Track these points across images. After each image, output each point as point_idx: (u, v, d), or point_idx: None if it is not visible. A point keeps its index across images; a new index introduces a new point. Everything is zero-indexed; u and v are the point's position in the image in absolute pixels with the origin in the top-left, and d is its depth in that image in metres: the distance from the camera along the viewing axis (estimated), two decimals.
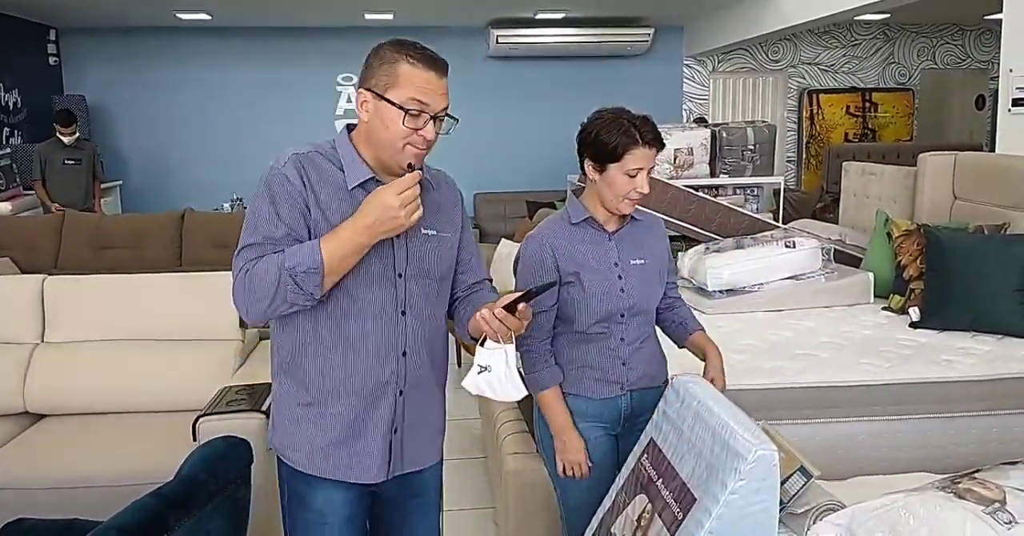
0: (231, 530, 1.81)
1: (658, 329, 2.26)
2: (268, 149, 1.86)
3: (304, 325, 1.62)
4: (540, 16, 7.76)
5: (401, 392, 1.66)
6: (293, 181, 1.55)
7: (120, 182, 8.26)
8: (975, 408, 2.89)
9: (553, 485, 2.23)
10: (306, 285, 1.48)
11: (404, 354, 1.65)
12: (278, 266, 1.48)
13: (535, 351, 2.07)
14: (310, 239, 1.54)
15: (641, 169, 1.98)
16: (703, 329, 2.28)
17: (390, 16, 7.60)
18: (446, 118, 1.62)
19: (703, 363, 2.19)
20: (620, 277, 2.05)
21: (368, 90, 1.57)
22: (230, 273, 1.57)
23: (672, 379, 2.01)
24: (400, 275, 1.63)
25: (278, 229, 1.54)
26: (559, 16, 7.82)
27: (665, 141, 2.08)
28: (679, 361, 2.29)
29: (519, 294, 1.57)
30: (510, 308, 1.55)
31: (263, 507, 2.47)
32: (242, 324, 3.41)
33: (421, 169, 1.58)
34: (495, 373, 1.59)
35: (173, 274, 4.17)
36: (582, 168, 2.08)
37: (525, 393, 1.62)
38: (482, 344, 1.60)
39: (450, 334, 1.87)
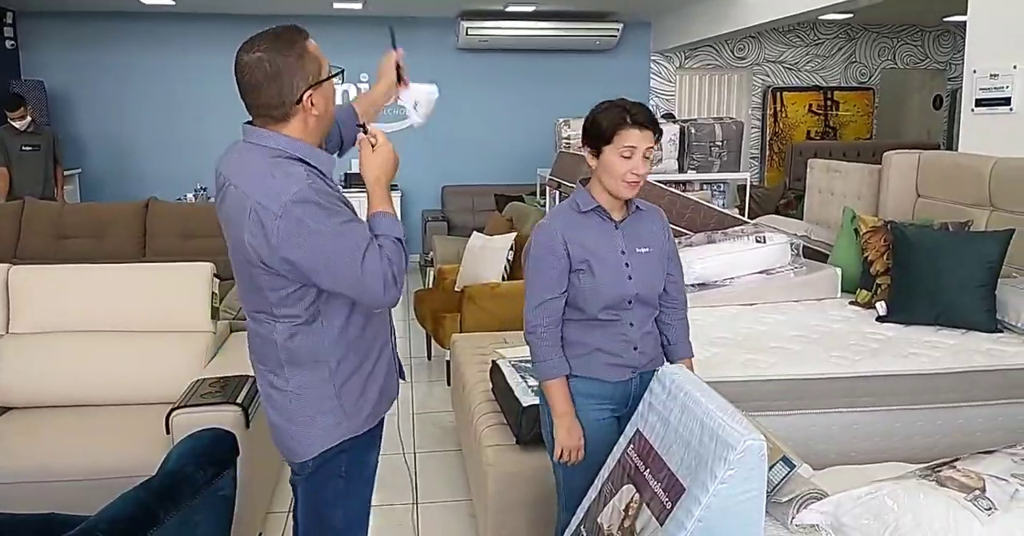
0: (217, 523, 1.79)
1: None
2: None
3: (352, 314, 1.78)
4: (510, 8, 7.75)
5: (393, 342, 1.97)
6: (323, 187, 1.67)
7: (79, 170, 8.07)
8: (941, 400, 2.98)
9: (555, 470, 2.26)
10: (401, 235, 1.75)
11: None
12: (395, 242, 1.71)
13: (546, 339, 2.11)
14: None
15: (634, 148, 2.02)
16: (692, 356, 2.32)
17: (359, 6, 7.53)
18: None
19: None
20: (627, 265, 2.11)
21: (311, 87, 1.75)
22: (201, 264, 1.67)
23: (657, 370, 2.03)
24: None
25: (361, 223, 1.71)
26: (529, 9, 7.82)
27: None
28: None
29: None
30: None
31: (245, 500, 2.46)
32: (214, 315, 3.37)
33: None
34: (420, 99, 2.12)
35: (143, 264, 4.11)
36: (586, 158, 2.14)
37: (434, 87, 2.14)
38: (398, 99, 2.11)
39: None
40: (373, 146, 1.80)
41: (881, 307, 3.56)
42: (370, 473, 1.93)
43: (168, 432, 2.70)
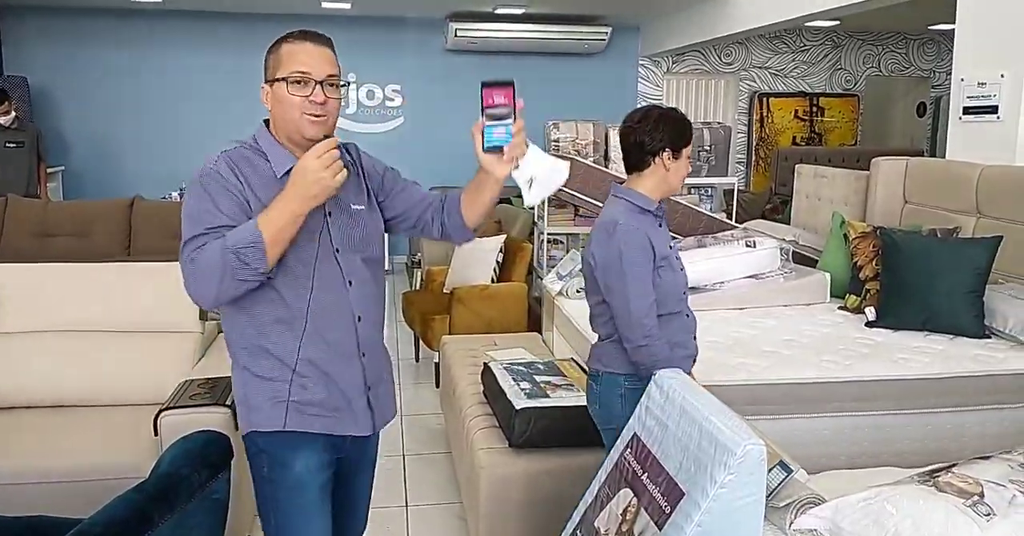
0: (212, 525, 1.77)
1: None
2: (219, 138, 1.94)
3: (264, 309, 1.70)
4: (499, 10, 7.75)
5: (364, 354, 1.79)
6: (227, 177, 1.65)
7: (62, 167, 7.98)
8: (930, 405, 2.99)
9: None
10: (252, 260, 1.55)
11: (359, 319, 1.78)
12: (221, 248, 1.55)
13: (661, 341, 2.16)
14: None
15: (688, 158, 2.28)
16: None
17: (348, 5, 7.50)
18: (340, 86, 1.72)
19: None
20: (677, 258, 2.27)
21: (266, 83, 1.71)
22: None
23: (654, 375, 2.03)
24: (337, 250, 1.75)
25: (218, 219, 1.61)
26: (518, 11, 7.82)
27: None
28: None
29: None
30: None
31: (235, 503, 2.43)
32: (202, 316, 3.34)
33: (340, 148, 1.70)
34: (539, 178, 1.70)
35: (130, 263, 4.06)
36: (644, 160, 2.23)
37: (568, 165, 1.73)
38: (515, 168, 1.70)
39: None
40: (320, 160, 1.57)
41: (870, 312, 3.59)
42: (298, 484, 1.76)
43: (156, 434, 2.66)
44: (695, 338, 2.33)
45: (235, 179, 1.66)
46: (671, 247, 2.26)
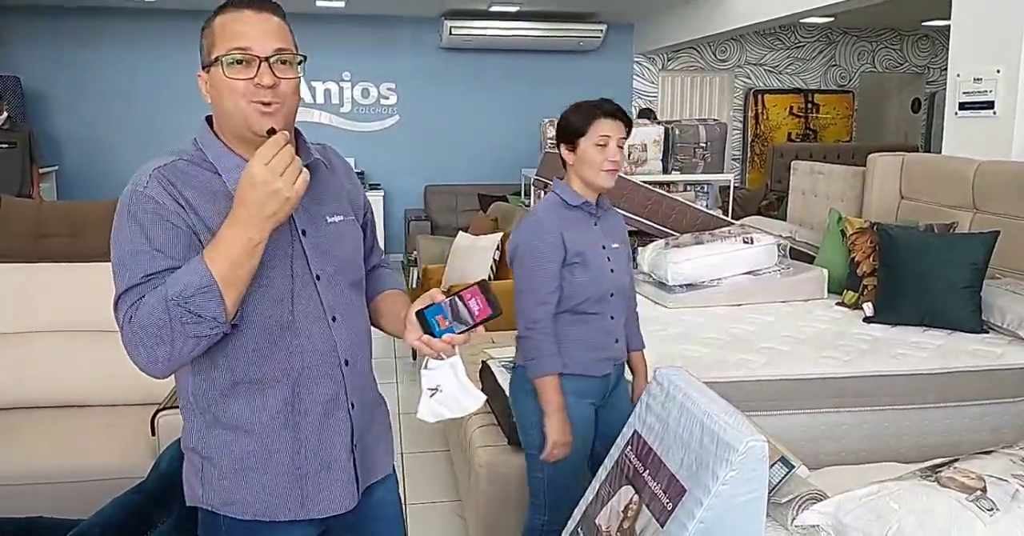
0: None
1: None
2: None
3: (220, 360, 1.35)
4: (494, 8, 7.73)
5: (352, 405, 1.45)
6: (162, 201, 1.27)
7: (55, 167, 7.94)
8: (928, 400, 3.00)
9: (530, 466, 2.28)
10: (205, 310, 1.20)
11: (346, 363, 1.43)
12: (164, 299, 1.20)
13: (547, 333, 2.13)
14: None
15: (608, 137, 2.12)
16: (643, 347, 2.44)
17: (342, 3, 7.47)
18: (297, 63, 1.34)
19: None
20: (608, 259, 2.20)
21: (202, 70, 1.35)
22: None
23: (655, 371, 2.02)
24: (318, 277, 1.39)
25: (157, 262, 1.25)
26: (513, 9, 7.80)
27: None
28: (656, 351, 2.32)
29: (431, 300, 1.37)
30: (434, 311, 1.36)
31: None
32: None
33: (303, 144, 1.41)
34: (447, 391, 1.42)
35: None
36: (563, 162, 2.22)
37: (483, 399, 1.47)
38: (425, 366, 1.42)
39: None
40: (270, 163, 1.20)
41: (868, 308, 3.58)
42: None
43: (154, 434, 2.65)
44: (618, 341, 2.25)
45: (173, 204, 1.28)
46: (605, 247, 2.20)
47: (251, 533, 1.41)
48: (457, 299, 1.37)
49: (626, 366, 2.39)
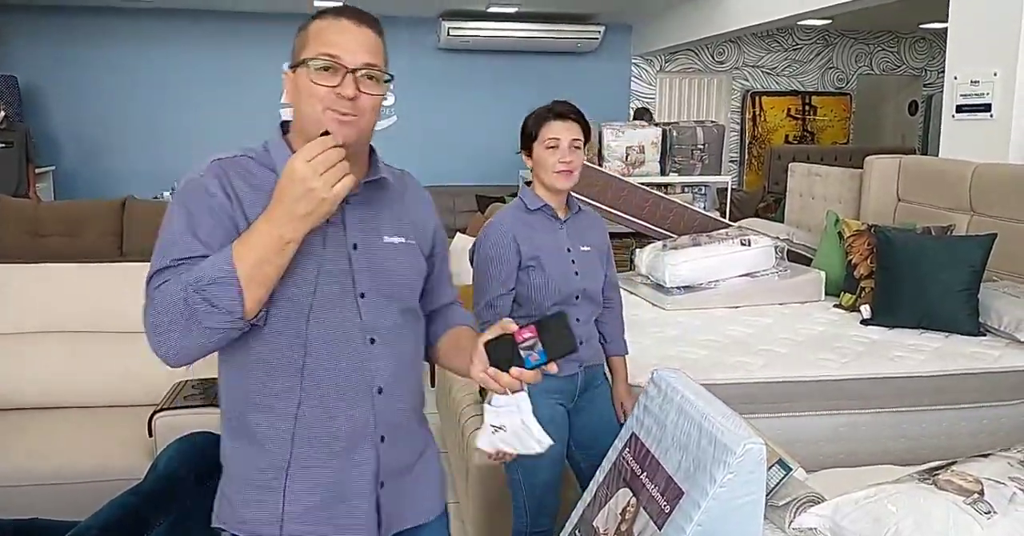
0: (208, 528, 1.75)
1: None
2: (209, 137, 1.78)
3: (252, 369, 1.32)
4: (492, 9, 7.74)
5: (383, 438, 1.36)
6: (214, 192, 1.27)
7: (53, 167, 7.93)
8: (926, 402, 3.00)
9: (507, 468, 2.30)
10: (220, 300, 1.16)
11: (380, 391, 1.35)
12: (182, 283, 1.18)
13: None
14: None
15: (558, 138, 2.14)
16: (625, 353, 2.46)
17: (339, 4, 7.47)
18: (385, 81, 1.32)
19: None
20: (573, 261, 2.22)
21: (288, 69, 1.34)
22: None
23: (652, 374, 2.02)
24: (362, 295, 1.33)
25: (191, 249, 1.23)
26: (511, 10, 7.81)
27: (616, 138, 2.24)
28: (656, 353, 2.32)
29: (502, 331, 1.30)
30: (500, 345, 1.29)
31: None
32: None
33: (375, 161, 1.40)
34: (511, 430, 1.34)
35: (124, 263, 4.03)
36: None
37: (549, 444, 1.36)
38: (489, 402, 1.34)
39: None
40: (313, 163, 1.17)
41: (865, 310, 3.59)
42: None
43: (151, 435, 2.65)
44: (582, 343, 2.20)
45: (223, 195, 1.27)
46: (571, 250, 2.22)
47: None
48: (530, 331, 1.28)
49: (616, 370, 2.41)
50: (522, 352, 1.27)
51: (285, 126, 1.40)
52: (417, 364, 1.46)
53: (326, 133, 1.22)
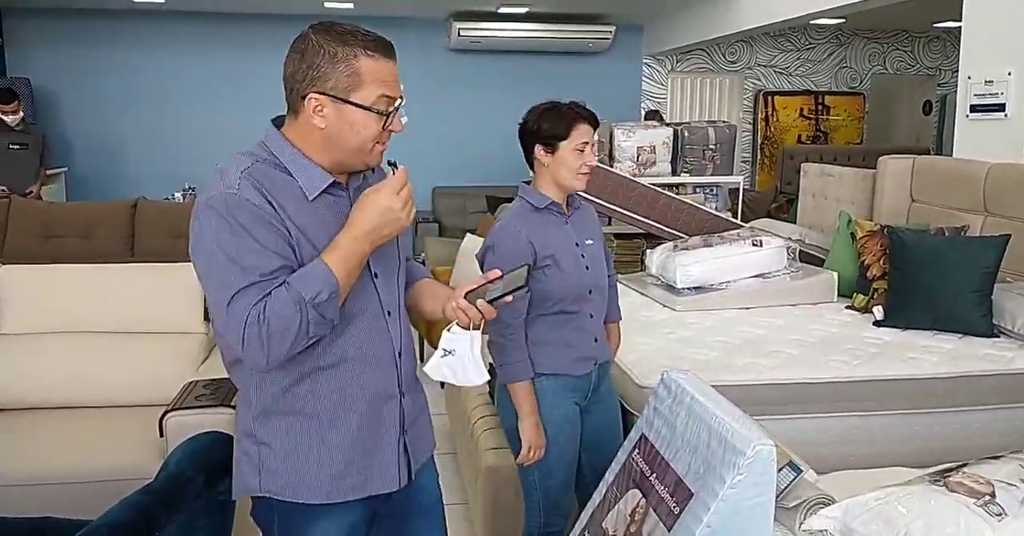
0: (219, 526, 1.77)
1: None
2: (220, 139, 1.80)
3: (300, 355, 1.44)
4: (503, 10, 7.74)
5: (403, 394, 1.58)
6: (258, 202, 1.36)
7: (65, 169, 7.98)
8: (939, 404, 2.98)
9: (521, 469, 2.29)
10: (330, 312, 1.35)
11: (399, 355, 1.56)
12: (295, 302, 1.31)
13: (516, 340, 2.15)
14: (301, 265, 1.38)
15: (587, 143, 2.18)
16: (619, 319, 2.53)
17: (350, 5, 7.50)
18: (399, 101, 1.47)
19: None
20: (582, 256, 2.23)
21: (325, 95, 1.39)
22: (191, 264, 1.40)
23: (663, 375, 2.02)
24: (376, 275, 1.52)
25: (271, 261, 1.34)
26: (522, 11, 7.81)
27: (627, 138, 2.24)
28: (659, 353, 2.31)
29: (486, 280, 1.55)
30: (474, 295, 1.54)
31: (245, 503, 2.42)
32: (207, 317, 3.34)
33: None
34: (459, 357, 1.56)
35: (133, 264, 4.07)
36: (528, 161, 2.25)
37: (487, 377, 1.60)
38: (449, 329, 1.56)
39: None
40: (394, 190, 1.41)
41: (878, 311, 3.56)
42: None
43: (162, 435, 2.66)
44: (597, 340, 2.27)
45: (269, 206, 1.37)
46: (579, 245, 2.22)
47: (306, 517, 1.50)
48: (496, 275, 1.55)
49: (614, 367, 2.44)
50: (487, 292, 1.52)
51: (277, 121, 1.49)
52: (411, 327, 1.68)
53: (393, 164, 1.43)
